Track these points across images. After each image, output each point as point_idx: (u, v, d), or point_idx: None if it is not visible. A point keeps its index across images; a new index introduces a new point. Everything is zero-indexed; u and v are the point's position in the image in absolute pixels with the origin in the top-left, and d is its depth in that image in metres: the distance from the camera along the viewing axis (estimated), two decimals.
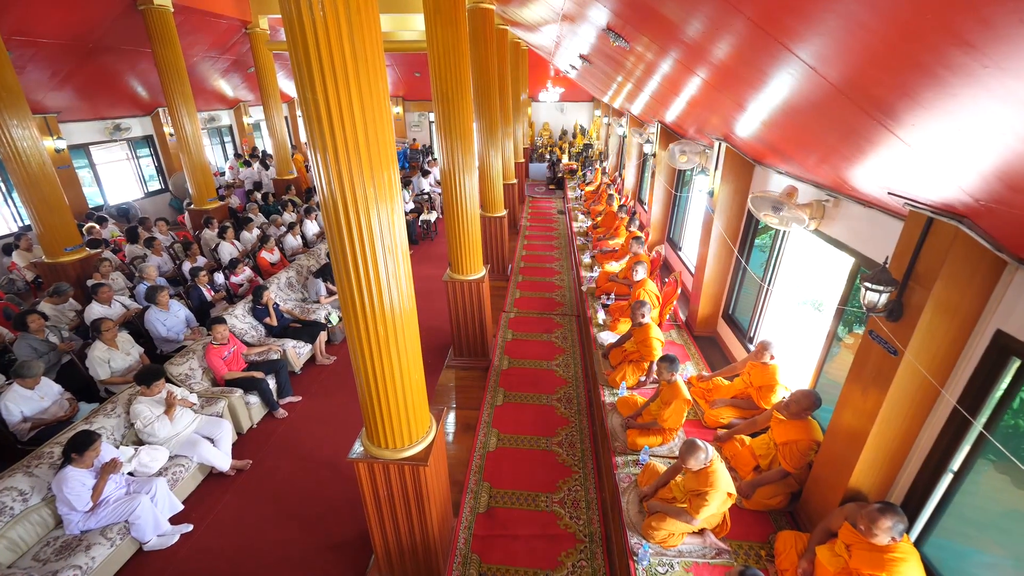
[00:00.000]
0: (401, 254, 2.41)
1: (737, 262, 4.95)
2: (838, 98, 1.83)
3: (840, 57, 1.58)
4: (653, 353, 4.31)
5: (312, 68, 1.91)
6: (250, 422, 4.71)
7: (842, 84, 1.72)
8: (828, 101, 1.94)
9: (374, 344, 2.46)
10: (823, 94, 1.91)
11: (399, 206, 2.33)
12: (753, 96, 2.74)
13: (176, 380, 4.47)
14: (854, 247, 3.09)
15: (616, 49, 4.05)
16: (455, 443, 4.48)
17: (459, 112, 4.59)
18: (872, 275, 2.27)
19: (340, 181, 2.08)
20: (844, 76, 1.67)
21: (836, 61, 1.62)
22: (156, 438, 3.85)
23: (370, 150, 2.09)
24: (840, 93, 1.78)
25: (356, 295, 2.34)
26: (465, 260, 5.20)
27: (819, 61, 1.70)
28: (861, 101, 1.71)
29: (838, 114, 1.98)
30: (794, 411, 3.20)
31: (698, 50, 2.67)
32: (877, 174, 2.35)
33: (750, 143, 4.10)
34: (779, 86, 2.24)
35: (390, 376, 2.56)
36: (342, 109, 1.98)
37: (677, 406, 3.52)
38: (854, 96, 1.72)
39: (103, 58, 8.12)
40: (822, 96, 1.94)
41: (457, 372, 5.60)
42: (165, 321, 5.20)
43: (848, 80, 1.67)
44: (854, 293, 3.19)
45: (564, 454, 4.33)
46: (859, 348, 2.60)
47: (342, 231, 2.19)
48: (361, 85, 2.00)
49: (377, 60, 2.05)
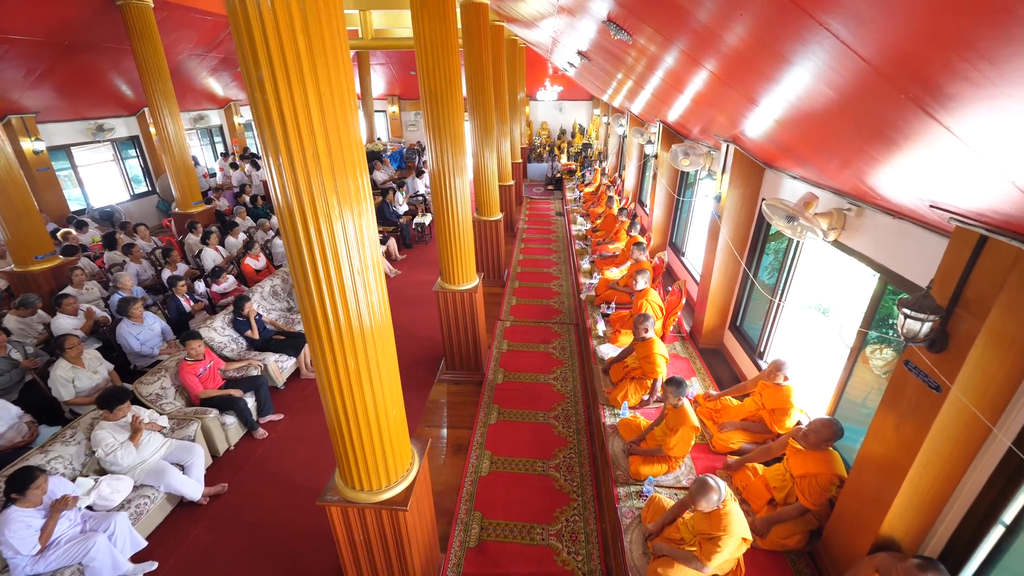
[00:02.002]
0: (373, 269, 2.11)
1: (745, 270, 4.65)
2: (874, 82, 1.50)
3: (885, 25, 1.25)
4: (656, 370, 4.02)
5: (260, 63, 1.62)
6: (227, 444, 4.41)
7: (882, 62, 1.39)
8: (860, 87, 1.60)
9: (343, 375, 2.16)
10: (856, 78, 1.58)
11: (369, 215, 2.03)
12: (768, 89, 2.42)
13: (146, 401, 4.16)
14: (881, 262, 2.80)
15: (617, 43, 3.75)
16: (445, 466, 4.19)
17: (449, 111, 4.29)
18: (913, 301, 1.98)
19: (296, 189, 1.79)
20: (886, 50, 1.33)
21: (878, 31, 1.29)
22: (119, 467, 3.55)
23: (331, 154, 1.80)
24: (878, 75, 1.45)
25: (319, 318, 2.05)
26: (457, 269, 4.91)
27: (856, 34, 1.37)
28: (905, 83, 1.38)
29: (871, 104, 1.66)
30: (813, 442, 2.92)
31: (708, 38, 2.36)
32: (915, 181, 2.05)
33: (761, 144, 3.80)
34: (800, 74, 1.92)
35: (362, 411, 2.26)
36: (296, 109, 1.68)
37: (684, 434, 3.23)
38: (896, 77, 1.40)
39: (82, 56, 7.80)
40: (854, 81, 1.60)
41: (449, 387, 5.31)
42: (138, 335, 4.90)
43: (892, 55, 1.34)
44: (881, 313, 2.89)
45: (562, 479, 4.03)
46: (893, 378, 2.30)
47: (300, 245, 1.90)
48: (319, 82, 1.70)
49: (339, 54, 1.75)
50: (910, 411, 2.18)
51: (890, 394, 2.31)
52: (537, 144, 17.77)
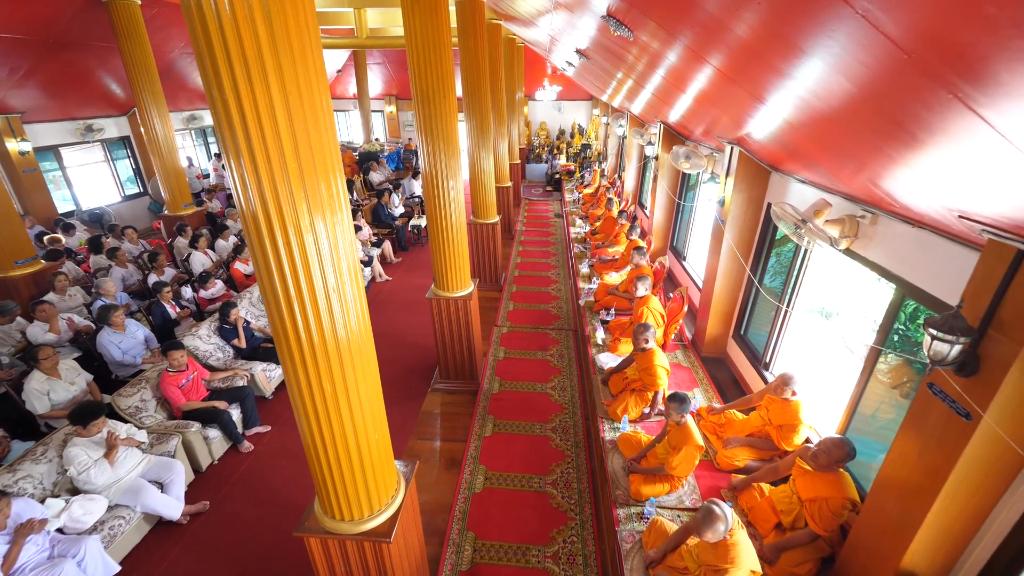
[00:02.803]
0: (351, 282, 1.93)
1: (750, 276, 4.48)
2: (904, 69, 1.31)
3: None
4: (658, 383, 3.84)
5: (217, 60, 1.44)
6: (210, 458, 4.23)
7: (917, 45, 1.18)
8: (886, 75, 1.40)
9: (318, 399, 1.99)
10: (882, 65, 1.37)
11: (344, 221, 1.85)
12: (778, 85, 2.23)
13: (124, 414, 3.99)
14: (897, 273, 2.63)
15: (616, 40, 3.57)
16: (438, 482, 4.01)
17: (442, 111, 4.11)
18: (941, 321, 1.81)
19: (261, 196, 1.62)
20: (924, 30, 1.13)
21: (918, 8, 1.09)
22: (93, 486, 3.37)
23: (300, 157, 1.62)
24: (909, 60, 1.24)
25: (290, 337, 1.87)
26: (451, 275, 4.73)
27: (889, 14, 1.17)
28: (941, 68, 1.19)
29: (896, 96, 1.46)
30: (823, 462, 2.74)
31: (715, 31, 2.17)
32: (941, 188, 1.88)
33: (767, 147, 3.63)
34: (815, 66, 1.73)
35: (340, 438, 2.08)
36: (259, 109, 1.51)
37: (688, 453, 3.06)
38: (931, 62, 1.20)
39: (68, 54, 7.60)
40: (880, 68, 1.39)
41: (443, 396, 5.13)
42: (120, 343, 4.71)
43: (929, 35, 1.13)
44: (898, 328, 2.72)
45: (559, 496, 3.86)
46: (916, 401, 2.13)
47: (267, 257, 1.72)
48: (285, 80, 1.52)
49: (307, 50, 1.57)
50: (935, 438, 2.00)
51: (912, 417, 2.14)
52: (536, 144, 17.59)
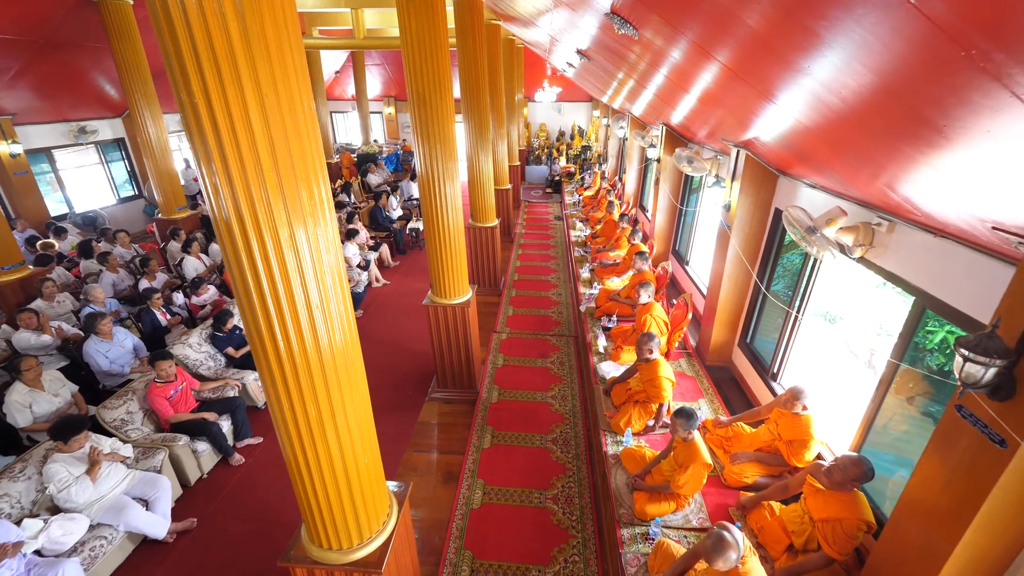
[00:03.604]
0: (337, 296, 1.79)
1: (757, 283, 4.35)
2: (938, 51, 1.16)
3: None
4: (662, 395, 3.70)
5: (184, 60, 1.31)
6: (199, 472, 4.09)
7: (958, 20, 1.04)
8: (917, 61, 1.27)
9: (302, 424, 1.85)
10: (912, 49, 1.23)
11: (329, 230, 1.72)
12: (791, 80, 2.08)
13: (109, 427, 3.85)
14: (917, 285, 2.49)
15: (619, 40, 3.44)
16: (434, 498, 3.87)
17: (438, 113, 3.98)
18: (974, 341, 1.67)
19: (235, 205, 1.48)
20: (969, 4, 1.00)
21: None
22: (74, 504, 3.23)
23: (278, 163, 1.49)
24: (948, 39, 1.10)
25: (270, 357, 1.73)
26: (448, 281, 4.59)
27: None
28: (985, 48, 1.04)
29: (925, 90, 1.33)
30: (837, 479, 2.60)
31: (725, 23, 2.02)
32: (971, 195, 1.75)
33: (775, 149, 3.50)
34: (834, 57, 1.58)
35: (327, 464, 1.95)
36: (231, 114, 1.37)
37: (695, 471, 2.92)
38: (973, 41, 1.05)
39: (60, 55, 7.47)
40: (909, 53, 1.26)
41: (440, 406, 4.99)
42: (107, 352, 4.57)
43: (975, 9, 1.00)
44: (919, 341, 2.59)
45: (560, 512, 3.72)
46: (943, 423, 1.99)
47: (243, 269, 1.58)
48: (260, 81, 1.39)
49: (286, 48, 1.44)
50: (965, 465, 1.86)
51: (939, 441, 2.00)
52: (535, 146, 17.47)
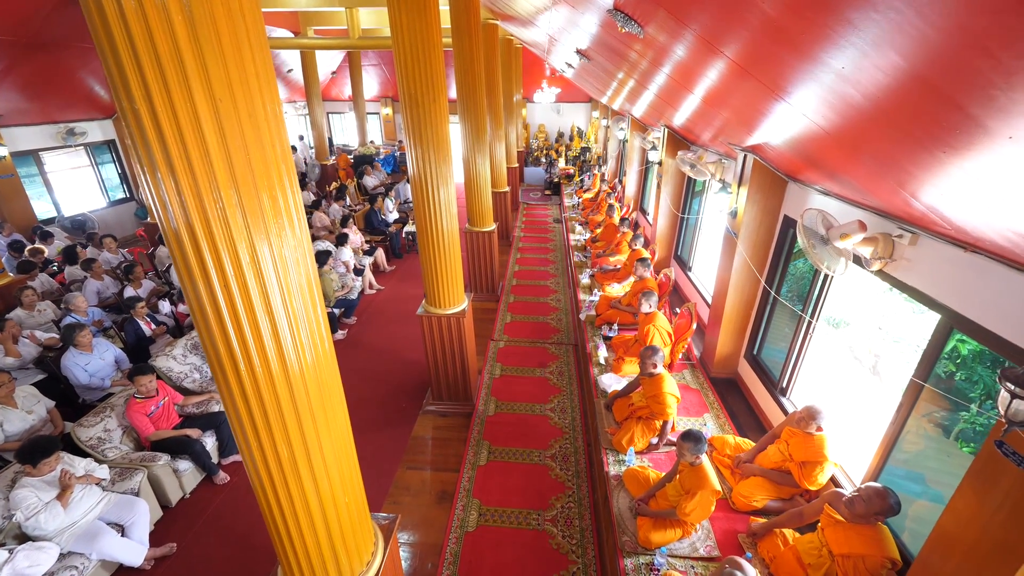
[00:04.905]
0: (308, 311, 1.58)
1: (764, 292, 4.17)
2: (991, 27, 0.99)
3: None
4: (667, 411, 3.53)
5: (122, 62, 1.13)
6: (181, 492, 3.90)
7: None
8: (958, 41, 1.08)
9: (272, 465, 1.66)
10: (957, 24, 1.05)
11: (298, 246, 1.52)
12: (807, 73, 1.85)
13: (84, 446, 3.66)
14: (944, 302, 2.31)
15: (621, 38, 3.26)
16: (427, 520, 3.69)
17: (432, 115, 3.79)
18: (1021, 374, 1.49)
19: (186, 219, 1.29)
20: None
21: None
22: (43, 532, 3.04)
23: (235, 174, 1.30)
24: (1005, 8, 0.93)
25: (234, 389, 1.52)
26: (442, 290, 4.40)
27: None
28: None
29: (966, 74, 1.14)
30: (859, 511, 2.43)
31: (736, 8, 1.83)
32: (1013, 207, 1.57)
33: (785, 153, 3.32)
34: (857, 44, 1.37)
35: (302, 506, 1.76)
36: (179, 120, 1.19)
37: (703, 499, 2.74)
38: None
39: (47, 55, 7.28)
40: (955, 29, 1.07)
41: (435, 419, 4.81)
42: (87, 365, 4.38)
43: None
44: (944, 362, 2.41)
45: (559, 535, 3.54)
46: (980, 459, 1.82)
47: (198, 291, 1.38)
48: (212, 82, 1.21)
49: (245, 43, 1.26)
50: (1008, 507, 1.69)
51: (976, 477, 1.83)
52: (534, 147, 17.30)
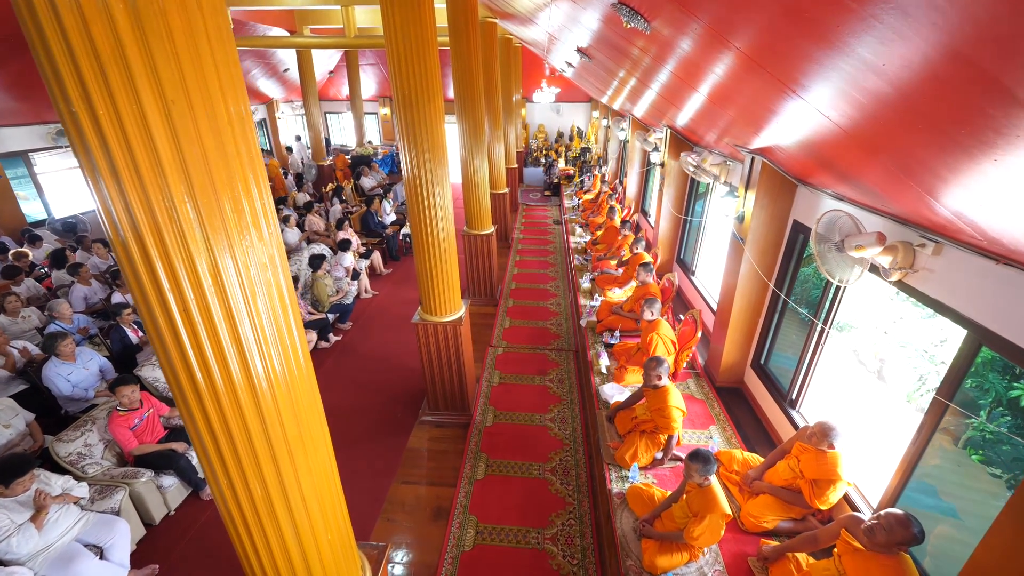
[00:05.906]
0: (281, 328, 1.41)
1: (772, 299, 4.02)
2: None
3: None
4: (672, 426, 3.38)
5: (56, 62, 0.97)
6: (165, 509, 3.75)
7: None
8: (997, 22, 0.93)
9: (244, 504, 1.50)
10: None
11: (264, 249, 1.35)
12: (824, 63, 1.67)
13: (63, 462, 3.50)
14: (972, 317, 2.16)
15: (624, 34, 3.11)
16: (422, 539, 3.54)
17: (426, 115, 3.64)
18: None
19: (132, 224, 1.13)
20: None
21: None
22: (15, 556, 2.88)
23: (189, 175, 1.14)
24: None
25: (197, 418, 1.35)
26: (438, 297, 4.25)
27: None
28: None
29: (1002, 61, 0.99)
30: (880, 541, 2.27)
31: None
32: None
33: (794, 154, 3.17)
34: (892, 19, 1.19)
35: (278, 546, 1.60)
36: (124, 125, 1.04)
37: (712, 523, 2.59)
38: None
39: None
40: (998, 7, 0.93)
41: (431, 431, 4.65)
42: (69, 376, 4.22)
43: None
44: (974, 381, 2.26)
45: (560, 555, 3.39)
46: (1020, 491, 1.67)
47: (152, 311, 1.21)
48: (163, 82, 1.05)
49: (202, 38, 1.10)
50: None
51: (1016, 513, 1.68)
52: (533, 148, 17.15)
